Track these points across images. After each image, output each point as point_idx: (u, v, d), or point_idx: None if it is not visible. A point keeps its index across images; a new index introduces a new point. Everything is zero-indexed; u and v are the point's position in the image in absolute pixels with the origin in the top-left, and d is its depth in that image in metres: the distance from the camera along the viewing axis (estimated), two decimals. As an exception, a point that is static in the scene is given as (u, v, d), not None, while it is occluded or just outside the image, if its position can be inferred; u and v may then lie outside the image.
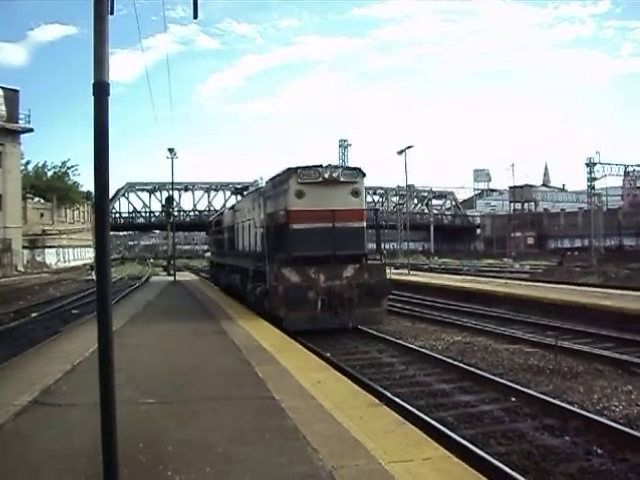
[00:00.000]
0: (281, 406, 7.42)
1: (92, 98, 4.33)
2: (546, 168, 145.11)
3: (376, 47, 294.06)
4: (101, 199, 4.36)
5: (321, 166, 16.01)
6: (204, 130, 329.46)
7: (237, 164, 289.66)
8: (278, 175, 17.15)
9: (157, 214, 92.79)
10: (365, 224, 16.66)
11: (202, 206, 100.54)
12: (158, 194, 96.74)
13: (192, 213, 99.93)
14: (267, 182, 18.70)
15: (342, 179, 15.93)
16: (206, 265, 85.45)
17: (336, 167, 16.15)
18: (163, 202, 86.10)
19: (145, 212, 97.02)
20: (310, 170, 15.79)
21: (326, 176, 15.71)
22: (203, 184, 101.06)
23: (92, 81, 4.32)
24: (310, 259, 15.51)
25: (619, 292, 21.63)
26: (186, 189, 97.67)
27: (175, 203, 59.68)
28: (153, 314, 19.19)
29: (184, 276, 47.62)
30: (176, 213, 67.43)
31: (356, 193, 16.17)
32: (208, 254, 40.63)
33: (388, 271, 16.95)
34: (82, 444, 6.05)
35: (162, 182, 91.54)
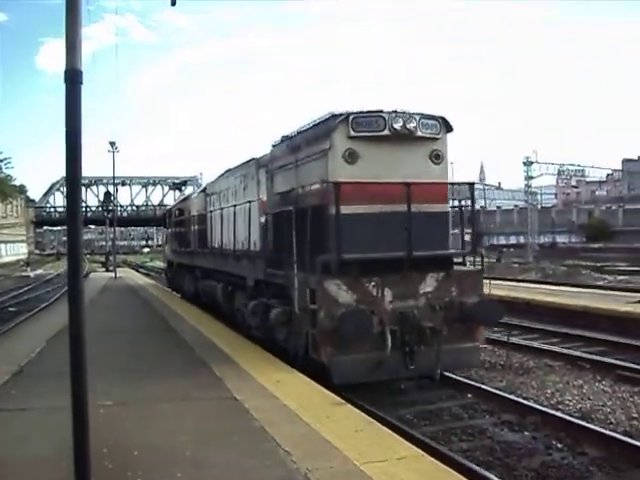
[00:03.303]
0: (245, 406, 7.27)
1: (63, 86, 4.09)
2: (482, 166, 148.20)
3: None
4: (73, 192, 4.17)
5: (384, 112, 9.82)
6: (141, 123, 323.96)
7: (176, 159, 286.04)
8: (309, 128, 10.62)
9: (93, 209, 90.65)
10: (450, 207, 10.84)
11: (140, 201, 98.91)
12: (94, 188, 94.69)
13: (129, 208, 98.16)
14: (276, 145, 12.09)
15: (419, 133, 9.82)
16: (145, 261, 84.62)
17: (410, 114, 9.75)
18: (99, 197, 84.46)
19: (81, 207, 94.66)
20: (370, 117, 9.65)
21: (397, 127, 9.58)
22: (140, 179, 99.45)
23: (64, 68, 4.08)
24: (369, 265, 9.37)
25: (560, 288, 22.13)
26: (123, 184, 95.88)
27: (112, 198, 58.40)
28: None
29: (125, 273, 46.48)
30: (114, 208, 65.86)
31: (437, 157, 10.13)
32: (167, 251, 28.76)
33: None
34: (40, 452, 5.77)
35: (98, 176, 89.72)
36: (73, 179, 4.10)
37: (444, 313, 9.58)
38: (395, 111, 9.72)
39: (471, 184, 10.77)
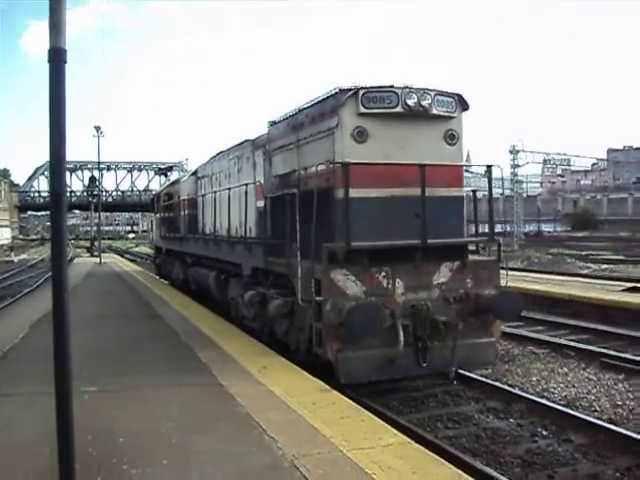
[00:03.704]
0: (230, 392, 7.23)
1: (46, 65, 4.00)
2: (468, 155, 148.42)
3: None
4: (57, 174, 4.06)
5: (396, 87, 8.97)
6: (127, 108, 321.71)
7: (161, 144, 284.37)
8: (313, 104, 9.70)
9: (78, 194, 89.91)
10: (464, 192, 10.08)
11: (125, 186, 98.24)
12: (79, 173, 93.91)
13: (115, 193, 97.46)
14: (274, 124, 11.31)
15: (434, 111, 9.06)
16: (130, 246, 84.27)
17: (425, 90, 8.97)
18: (84, 182, 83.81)
19: (65, 191, 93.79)
20: (381, 93, 8.86)
21: (410, 103, 8.81)
22: (126, 164, 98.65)
23: (47, 47, 3.98)
24: (378, 253, 8.62)
25: (545, 277, 22.22)
26: (108, 169, 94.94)
27: (97, 183, 57.96)
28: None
29: (110, 258, 46.19)
30: (99, 193, 65.40)
31: (452, 137, 9.39)
32: (153, 236, 28.31)
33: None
34: (24, 438, 5.71)
35: (83, 161, 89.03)
36: (57, 161, 4.01)
37: (459, 306, 8.89)
38: (408, 86, 8.90)
39: (489, 166, 9.91)
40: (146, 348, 10.13)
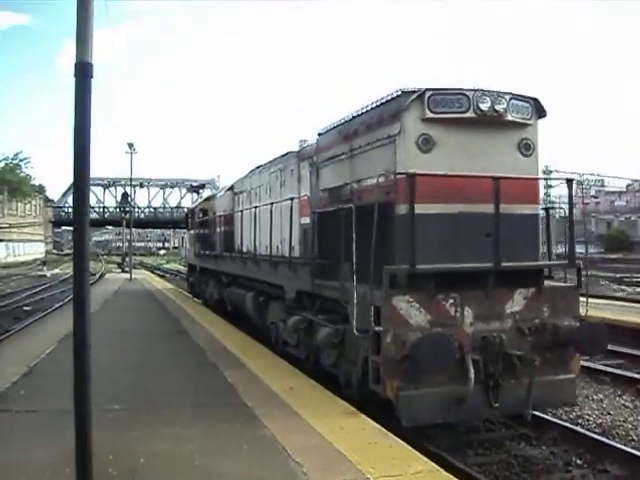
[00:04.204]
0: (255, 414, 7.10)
1: (73, 80, 3.96)
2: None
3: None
4: (81, 189, 4.00)
5: (466, 89, 8.04)
6: (160, 124, 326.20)
7: (194, 162, 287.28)
8: (370, 109, 8.80)
9: (111, 210, 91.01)
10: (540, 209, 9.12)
11: (157, 203, 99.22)
12: (112, 189, 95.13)
13: (147, 210, 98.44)
14: (323, 133, 10.39)
15: (509, 117, 8.12)
16: (161, 263, 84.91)
17: (499, 93, 8.07)
18: (118, 198, 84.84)
19: (99, 207, 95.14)
20: (450, 95, 7.95)
21: (483, 108, 7.90)
22: (158, 181, 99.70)
23: (74, 61, 3.95)
24: (445, 278, 7.59)
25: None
26: (141, 185, 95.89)
27: (130, 199, 58.57)
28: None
29: (141, 274, 46.50)
30: (131, 209, 66.12)
31: (527, 148, 8.39)
32: (187, 253, 26.99)
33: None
34: (44, 456, 5.64)
35: (117, 177, 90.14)
36: (81, 177, 3.96)
37: (534, 338, 7.85)
38: (481, 89, 7.96)
39: (569, 180, 8.63)
40: (172, 366, 10.05)
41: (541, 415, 8.79)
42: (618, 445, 7.70)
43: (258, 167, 14.52)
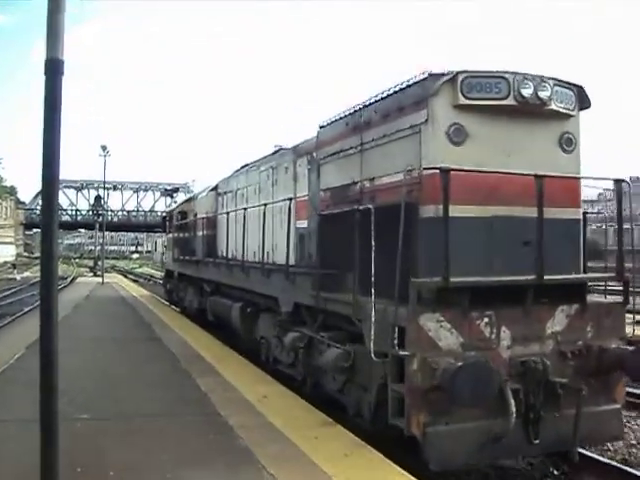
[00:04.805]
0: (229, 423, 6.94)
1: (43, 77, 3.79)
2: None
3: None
4: (50, 192, 3.83)
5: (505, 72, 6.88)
6: (134, 127, 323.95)
7: (167, 165, 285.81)
8: (389, 95, 7.48)
9: (83, 213, 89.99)
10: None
11: (130, 206, 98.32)
12: (85, 192, 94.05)
13: (120, 213, 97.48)
14: (325, 126, 9.13)
15: (553, 106, 7.02)
16: (134, 267, 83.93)
17: (542, 78, 6.94)
18: (90, 200, 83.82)
19: (71, 210, 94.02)
20: (487, 78, 6.80)
21: (525, 94, 6.78)
22: (132, 184, 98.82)
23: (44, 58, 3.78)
24: (478, 293, 6.46)
25: None
26: (115, 188, 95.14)
27: (103, 202, 57.91)
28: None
29: (113, 278, 45.85)
30: (104, 212, 65.29)
31: (569, 143, 7.31)
32: (164, 258, 24.81)
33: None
34: (11, 469, 5.43)
35: (89, 180, 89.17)
36: (50, 180, 3.78)
37: (577, 363, 6.78)
38: (521, 72, 6.82)
39: (617, 181, 7.31)
40: (143, 374, 9.83)
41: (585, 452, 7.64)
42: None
43: (246, 165, 13.67)
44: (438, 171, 6.21)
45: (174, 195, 78.49)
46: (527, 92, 6.75)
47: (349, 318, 7.28)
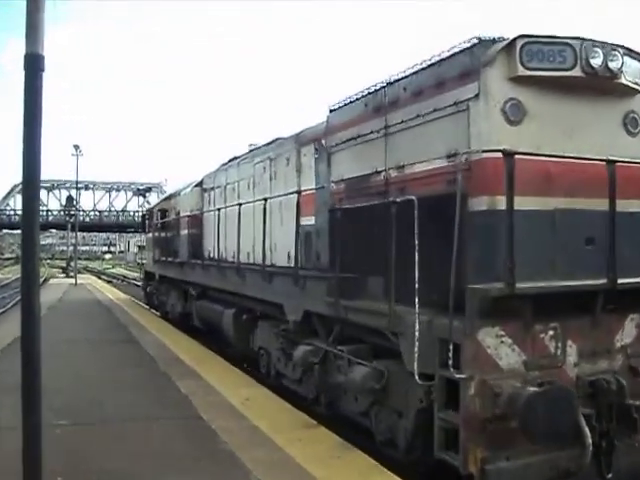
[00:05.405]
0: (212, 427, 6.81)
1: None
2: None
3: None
4: (31, 189, 3.70)
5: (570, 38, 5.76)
6: (106, 126, 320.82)
7: (140, 165, 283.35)
8: (427, 67, 6.36)
9: (55, 213, 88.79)
10: None
11: (103, 206, 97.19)
12: (56, 192, 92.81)
13: (92, 213, 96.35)
14: (337, 109, 8.07)
15: (623, 80, 5.95)
16: (107, 267, 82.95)
17: (612, 46, 5.86)
18: (62, 201, 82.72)
19: (42, 210, 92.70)
20: (551, 45, 5.66)
21: (595, 64, 5.68)
22: (104, 184, 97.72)
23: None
24: (541, 300, 5.39)
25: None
26: (86, 188, 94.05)
27: (75, 202, 57.25)
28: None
29: (86, 279, 45.19)
30: (76, 213, 64.52)
31: (635, 124, 6.27)
32: (147, 260, 22.70)
33: None
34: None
35: (61, 180, 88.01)
36: (31, 179, 3.65)
37: None
38: (588, 39, 5.74)
39: None
40: (122, 377, 9.64)
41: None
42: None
43: (235, 158, 12.67)
44: (490, 155, 5.32)
45: (147, 195, 77.91)
46: (596, 62, 5.71)
47: (373, 329, 6.41)
